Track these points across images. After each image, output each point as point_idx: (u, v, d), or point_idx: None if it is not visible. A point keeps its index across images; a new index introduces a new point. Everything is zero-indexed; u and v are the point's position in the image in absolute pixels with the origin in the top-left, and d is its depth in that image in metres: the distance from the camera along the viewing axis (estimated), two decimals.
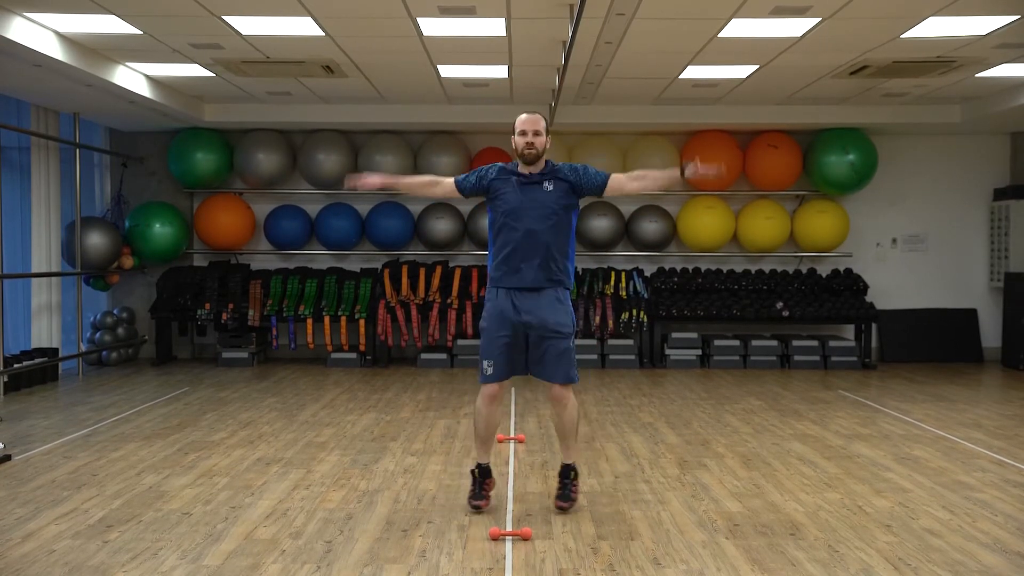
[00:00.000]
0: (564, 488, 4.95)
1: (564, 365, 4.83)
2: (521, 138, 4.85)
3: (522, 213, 4.80)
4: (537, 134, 4.83)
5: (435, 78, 9.23)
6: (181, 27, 7.38)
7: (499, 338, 4.83)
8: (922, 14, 6.94)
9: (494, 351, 4.84)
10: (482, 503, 4.92)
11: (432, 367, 10.94)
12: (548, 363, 4.84)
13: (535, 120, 4.87)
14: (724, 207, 11.56)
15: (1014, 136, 11.98)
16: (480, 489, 4.96)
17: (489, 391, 4.87)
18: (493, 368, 4.84)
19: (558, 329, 4.81)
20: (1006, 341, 11.38)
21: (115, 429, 7.15)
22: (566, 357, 4.83)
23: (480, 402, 4.92)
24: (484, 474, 4.99)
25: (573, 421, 4.95)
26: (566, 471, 4.99)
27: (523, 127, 4.85)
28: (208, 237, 11.61)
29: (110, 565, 4.10)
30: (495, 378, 4.85)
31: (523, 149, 4.84)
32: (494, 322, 4.85)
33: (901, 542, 4.45)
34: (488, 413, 4.91)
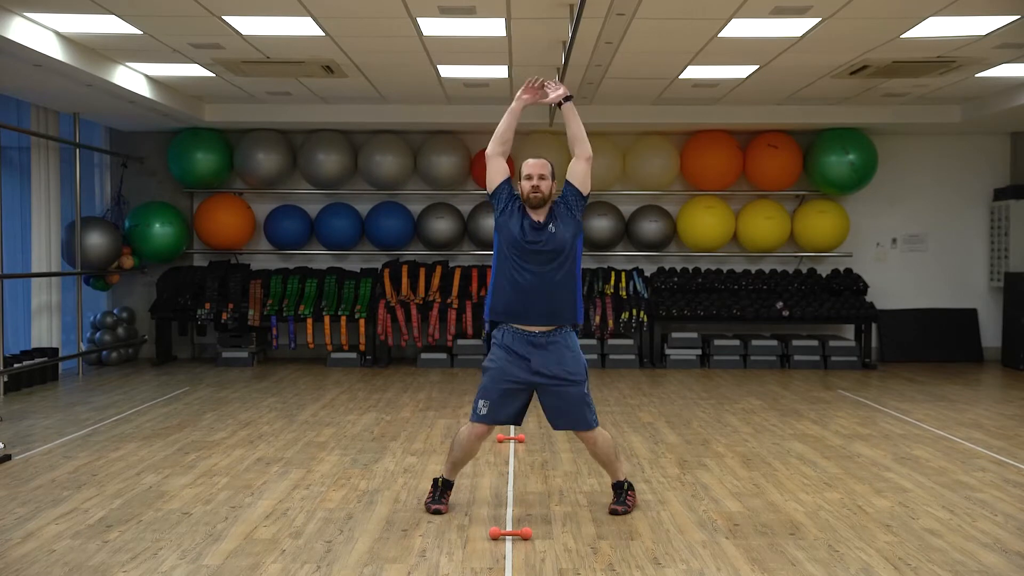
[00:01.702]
0: (619, 497, 4.94)
1: (582, 412, 4.77)
2: (527, 182, 4.74)
3: (531, 260, 4.69)
4: (543, 178, 4.73)
5: (435, 78, 9.23)
6: (181, 27, 7.38)
7: (503, 383, 4.73)
8: (922, 14, 6.94)
9: (494, 394, 4.74)
10: (443, 507, 4.90)
11: (432, 367, 10.94)
12: (565, 413, 4.78)
13: (541, 164, 4.77)
14: (724, 207, 11.57)
15: (1014, 136, 11.98)
16: (440, 496, 4.94)
17: (477, 430, 4.80)
18: (488, 410, 4.75)
19: (570, 378, 4.73)
20: (1006, 341, 11.38)
21: (115, 429, 7.15)
22: (582, 403, 4.76)
23: (465, 434, 4.85)
24: (446, 487, 4.97)
25: (608, 452, 4.90)
26: (619, 485, 4.97)
27: (529, 171, 4.76)
28: (208, 237, 11.61)
29: (110, 565, 4.10)
30: (488, 420, 4.77)
31: (529, 193, 4.74)
32: (502, 368, 4.74)
33: (901, 542, 4.46)
34: (469, 448, 4.87)
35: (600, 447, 4.86)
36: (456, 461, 4.94)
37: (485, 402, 4.76)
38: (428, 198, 11.84)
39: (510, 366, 4.72)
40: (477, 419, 4.78)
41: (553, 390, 4.74)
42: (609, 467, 4.96)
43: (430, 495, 4.97)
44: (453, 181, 11.57)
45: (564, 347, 4.75)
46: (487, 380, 4.78)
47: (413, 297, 11.03)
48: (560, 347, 4.74)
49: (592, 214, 11.42)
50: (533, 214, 4.77)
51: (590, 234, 11.46)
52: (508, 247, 4.75)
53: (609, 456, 4.90)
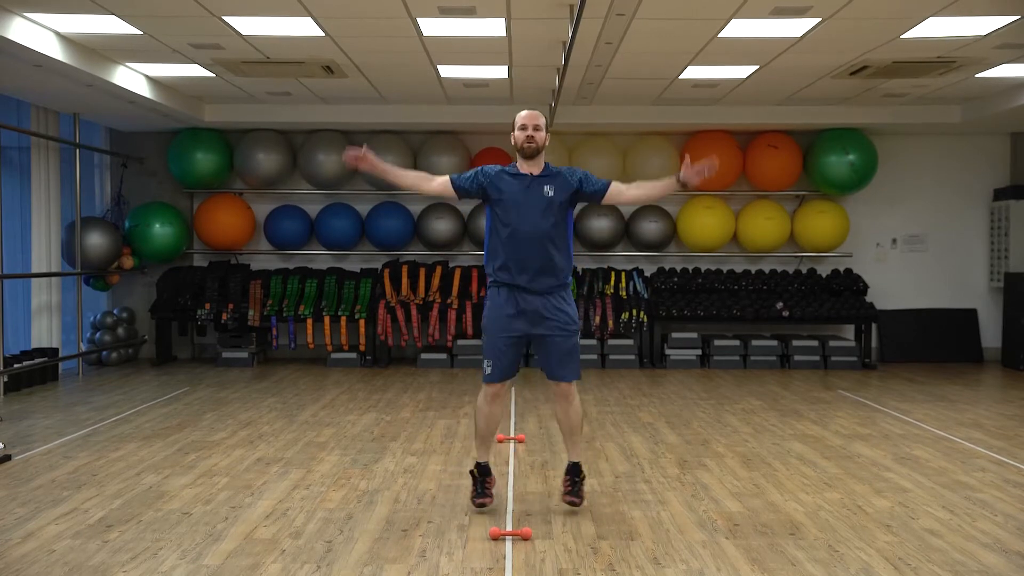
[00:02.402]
0: (574, 485, 4.94)
1: (572, 363, 4.86)
2: (521, 132, 4.85)
3: (523, 214, 4.79)
4: (537, 128, 4.84)
5: (435, 78, 9.23)
6: (181, 27, 7.38)
7: (500, 339, 4.84)
8: (922, 14, 6.94)
9: (495, 351, 4.85)
10: (486, 500, 4.93)
11: (432, 367, 10.94)
12: (556, 361, 4.85)
13: (535, 115, 4.88)
14: (724, 207, 11.57)
15: (1014, 136, 11.98)
16: (482, 488, 4.96)
17: (491, 390, 4.89)
18: (493, 368, 4.85)
19: (564, 327, 4.83)
20: (1006, 341, 11.38)
21: (115, 429, 7.15)
22: (573, 354, 4.86)
23: (481, 400, 4.94)
24: (484, 472, 4.99)
25: (579, 418, 4.97)
26: (575, 469, 4.97)
27: (523, 122, 4.86)
28: (208, 237, 11.61)
29: (110, 565, 4.10)
30: (496, 377, 4.86)
31: (523, 143, 4.84)
32: (496, 322, 4.85)
33: (901, 542, 4.45)
34: (489, 411, 4.93)
35: (574, 408, 4.93)
36: (483, 435, 4.98)
37: (489, 361, 4.86)
38: (428, 198, 11.82)
39: (506, 320, 4.82)
40: (487, 379, 4.88)
41: (549, 340, 4.83)
42: (573, 436, 4.98)
43: (473, 489, 4.98)
44: None
45: (560, 298, 4.85)
46: (487, 339, 4.90)
47: (413, 297, 11.03)
48: (556, 298, 4.84)
49: (592, 214, 11.42)
50: (525, 165, 4.88)
51: (590, 234, 11.46)
52: (499, 205, 4.83)
53: (578, 423, 4.96)
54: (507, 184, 4.86)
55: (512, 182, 4.86)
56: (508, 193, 4.83)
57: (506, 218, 4.83)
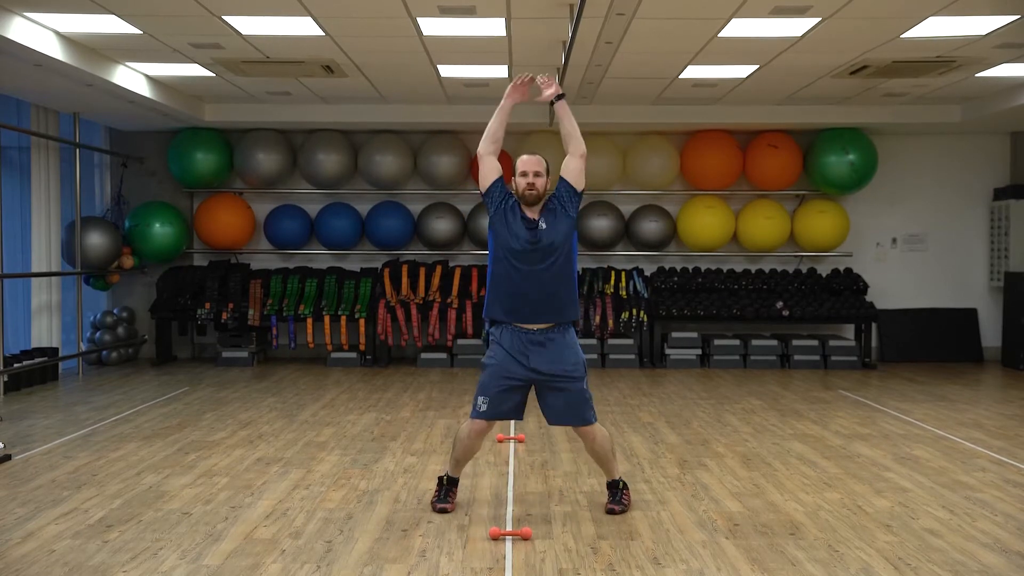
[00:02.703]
0: (614, 496, 4.94)
1: (581, 409, 4.77)
2: (522, 179, 4.74)
3: (524, 256, 4.69)
4: (538, 175, 4.74)
5: (435, 78, 9.23)
6: (181, 27, 7.38)
7: (503, 380, 4.72)
8: (922, 14, 6.94)
9: (493, 391, 4.73)
10: (447, 507, 4.90)
11: (432, 367, 10.94)
12: (565, 409, 4.77)
13: (537, 161, 4.77)
14: (724, 207, 11.57)
15: (1014, 136, 11.98)
16: (445, 494, 4.94)
17: (477, 427, 4.80)
18: (488, 406, 4.74)
19: (571, 374, 4.73)
20: (1006, 341, 11.38)
21: (115, 429, 7.15)
22: (582, 400, 4.76)
23: (465, 431, 4.85)
24: (452, 484, 4.99)
25: (606, 449, 4.89)
26: (614, 484, 4.96)
27: (524, 168, 4.76)
28: (208, 237, 11.61)
29: (110, 565, 4.10)
30: (488, 416, 4.76)
31: (524, 191, 4.74)
32: (500, 365, 4.73)
33: (901, 542, 4.46)
34: (470, 444, 4.86)
35: (598, 444, 4.86)
36: (459, 459, 4.95)
37: (484, 399, 4.75)
38: (428, 198, 11.84)
39: (509, 363, 4.72)
40: (477, 415, 4.78)
41: (553, 387, 4.74)
42: (605, 465, 4.95)
43: (436, 494, 4.98)
44: (453, 181, 11.57)
45: (563, 344, 4.75)
46: (486, 377, 4.78)
47: (413, 297, 11.03)
48: (559, 344, 4.74)
49: (592, 214, 11.42)
50: (527, 211, 4.78)
51: (590, 234, 11.46)
52: (502, 246, 4.75)
53: (607, 454, 4.90)
54: (513, 227, 4.73)
55: (519, 226, 4.72)
56: (511, 238, 4.72)
57: (505, 256, 4.72)
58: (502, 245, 4.75)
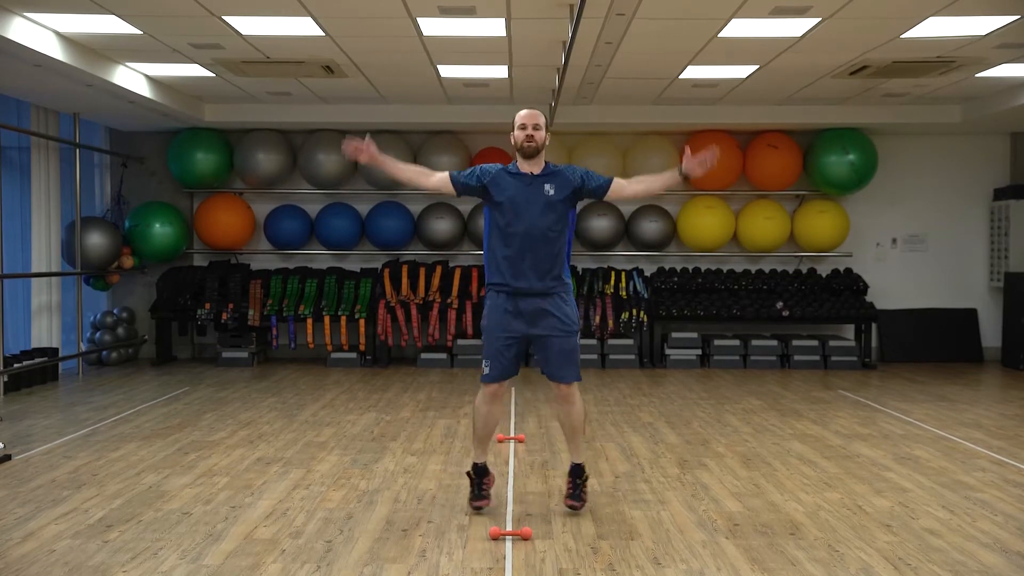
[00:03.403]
0: (575, 488, 4.93)
1: (572, 364, 4.84)
2: (521, 132, 4.82)
3: (523, 214, 4.76)
4: (537, 128, 4.81)
5: (435, 78, 9.23)
6: (181, 27, 7.38)
7: (499, 339, 4.82)
8: (922, 14, 6.94)
9: (494, 350, 4.83)
10: (483, 503, 4.92)
11: (432, 367, 10.94)
12: (555, 362, 4.82)
13: (534, 114, 4.85)
14: (724, 207, 11.57)
15: (1014, 136, 11.98)
16: (479, 489, 4.95)
17: (489, 390, 4.87)
18: (491, 368, 4.83)
19: (564, 327, 4.80)
20: (1006, 341, 11.38)
21: (115, 429, 7.15)
22: (573, 355, 4.84)
23: (480, 400, 4.92)
24: (481, 473, 4.98)
25: (580, 419, 4.94)
26: (577, 471, 4.95)
27: (523, 121, 4.83)
28: (208, 237, 11.61)
29: (110, 565, 4.10)
30: (494, 378, 4.84)
31: (523, 142, 4.81)
32: (495, 322, 4.83)
33: (901, 542, 4.45)
34: (488, 411, 4.91)
35: (575, 410, 4.90)
36: (481, 436, 4.96)
37: (487, 361, 4.84)
38: (428, 198, 11.83)
39: (504, 319, 4.80)
40: (485, 379, 4.86)
41: (548, 340, 4.80)
42: (574, 438, 4.96)
43: (471, 491, 4.97)
44: None
45: (559, 298, 4.82)
46: (486, 338, 4.87)
47: (413, 297, 11.03)
48: (555, 298, 4.81)
49: (592, 214, 11.42)
50: (525, 165, 4.84)
51: (590, 234, 11.46)
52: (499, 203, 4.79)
53: (579, 424, 4.93)
54: (507, 183, 4.83)
55: (512, 181, 4.83)
56: (508, 192, 4.80)
57: (505, 217, 4.80)
58: (500, 206, 4.81)
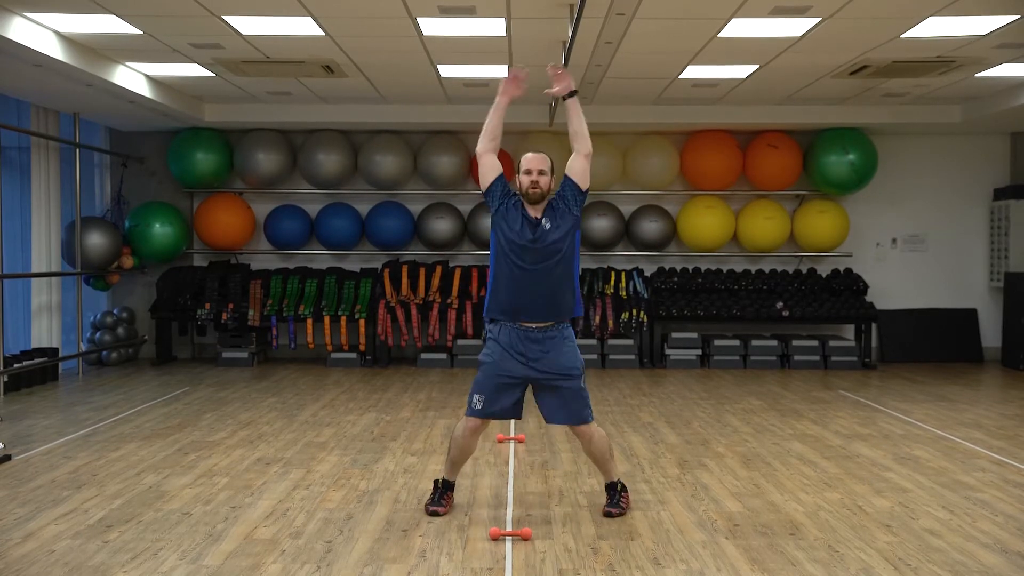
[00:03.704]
0: (612, 498, 4.92)
1: (578, 407, 4.76)
2: (526, 177, 4.73)
3: (527, 254, 4.68)
4: (542, 173, 4.72)
5: (435, 78, 9.23)
6: (181, 27, 7.38)
7: (498, 378, 4.71)
8: (922, 14, 6.94)
9: (489, 389, 4.73)
10: (439, 509, 4.87)
11: (432, 367, 10.94)
12: (562, 408, 4.77)
13: (541, 159, 4.75)
14: (724, 207, 11.57)
15: (1014, 136, 11.98)
16: (440, 497, 4.92)
17: (472, 424, 4.80)
18: (483, 404, 4.74)
19: (569, 373, 4.73)
20: (1006, 341, 11.38)
21: (115, 429, 7.15)
22: (579, 398, 4.76)
23: (460, 430, 4.85)
24: (447, 488, 4.97)
25: (603, 449, 4.87)
26: (611, 487, 4.95)
27: (528, 166, 4.74)
28: (208, 237, 11.61)
29: (110, 565, 4.10)
30: (483, 415, 4.76)
31: (527, 188, 4.72)
32: (497, 362, 4.72)
33: (901, 542, 4.46)
34: (465, 444, 4.86)
35: (595, 444, 4.84)
36: (455, 459, 4.93)
37: (480, 396, 4.75)
38: (428, 198, 11.84)
39: (506, 361, 4.72)
40: (472, 413, 4.78)
41: (550, 385, 4.74)
42: (603, 466, 4.94)
43: (431, 496, 4.97)
44: (453, 181, 11.57)
45: (561, 342, 4.75)
46: (481, 374, 4.78)
47: (413, 297, 11.03)
48: (557, 342, 4.74)
49: (592, 214, 11.42)
50: (530, 210, 4.76)
51: (590, 234, 11.45)
52: (505, 244, 4.73)
53: (604, 454, 4.89)
54: (516, 224, 4.70)
55: (520, 224, 4.70)
56: (514, 235, 4.69)
57: (508, 253, 4.71)
58: (504, 243, 4.74)
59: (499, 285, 4.77)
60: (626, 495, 4.97)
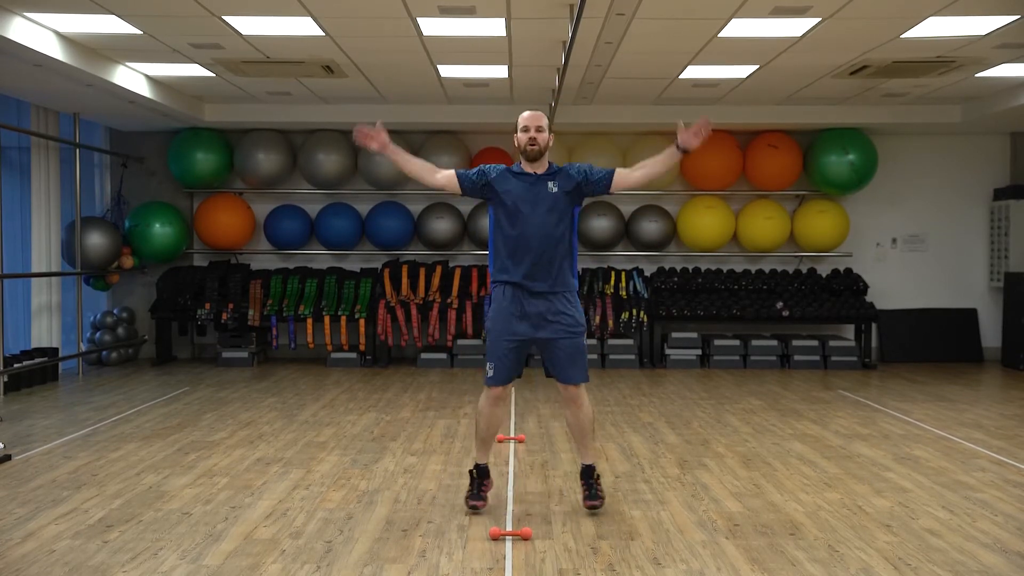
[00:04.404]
0: (590, 488, 4.91)
1: (580, 365, 4.83)
2: (524, 134, 4.81)
3: (528, 213, 4.76)
4: (540, 130, 4.80)
5: (435, 78, 9.23)
6: (181, 27, 7.38)
7: (505, 341, 4.79)
8: (922, 14, 6.94)
9: (498, 353, 4.81)
10: (479, 503, 4.91)
11: (432, 367, 10.94)
12: (562, 364, 4.82)
13: (537, 116, 4.84)
14: (724, 207, 11.57)
15: (1014, 136, 11.98)
16: (478, 489, 4.94)
17: (493, 392, 4.85)
18: (495, 371, 4.81)
19: (571, 328, 4.79)
20: (1006, 341, 11.38)
21: (115, 429, 7.15)
22: (580, 357, 4.83)
23: (483, 402, 4.91)
24: (482, 474, 4.97)
25: (590, 420, 4.92)
26: (588, 471, 4.94)
27: (525, 123, 4.82)
28: (208, 237, 11.61)
29: (110, 565, 4.10)
30: (498, 381, 4.82)
31: (526, 145, 4.80)
32: (501, 325, 4.80)
33: (901, 542, 4.45)
34: (490, 413, 4.90)
35: (584, 412, 4.89)
36: (483, 437, 4.95)
37: (491, 364, 4.82)
38: (428, 198, 11.84)
39: (510, 321, 4.78)
40: (489, 382, 4.84)
41: (554, 342, 4.79)
42: (583, 440, 4.94)
43: (469, 490, 4.96)
44: None
45: (564, 300, 4.81)
46: (490, 341, 4.85)
47: (413, 297, 11.03)
48: (561, 300, 4.80)
49: (592, 214, 11.42)
50: (529, 166, 4.83)
51: (590, 234, 11.46)
52: (503, 200, 4.78)
53: (589, 426, 4.92)
54: (511, 183, 4.82)
55: (515, 181, 4.82)
56: (511, 192, 4.79)
57: (509, 217, 4.79)
58: (504, 205, 4.79)
59: (498, 247, 4.84)
60: (599, 481, 4.97)
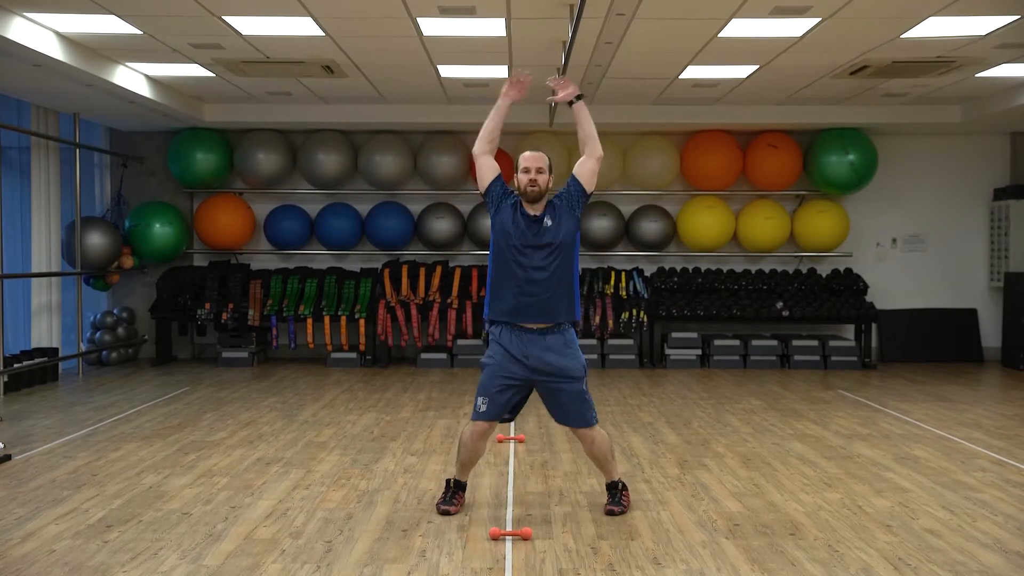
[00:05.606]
0: (615, 497, 4.92)
1: (581, 409, 4.77)
2: (524, 175, 4.73)
3: (526, 252, 4.68)
4: (540, 171, 4.72)
5: (435, 78, 9.23)
6: (181, 27, 7.38)
7: (501, 379, 4.72)
8: (922, 14, 6.94)
9: (492, 390, 4.73)
10: (451, 509, 4.87)
11: (432, 367, 10.94)
12: (564, 410, 4.79)
13: (539, 157, 4.75)
14: (724, 207, 11.57)
15: (1014, 136, 11.98)
16: (451, 497, 4.92)
17: (479, 428, 4.79)
18: (487, 407, 4.74)
19: (570, 374, 4.73)
20: (1006, 341, 11.38)
21: (115, 429, 7.15)
22: (581, 400, 4.76)
23: (467, 434, 4.84)
24: (459, 487, 4.96)
25: (605, 451, 4.88)
26: (613, 485, 4.95)
27: (526, 164, 4.74)
28: (208, 237, 11.61)
29: (110, 565, 4.10)
30: (488, 417, 4.76)
31: (526, 187, 4.72)
32: (499, 364, 4.73)
33: (901, 542, 4.46)
34: (474, 447, 4.85)
35: (597, 446, 4.85)
36: (464, 462, 4.93)
37: (484, 399, 4.75)
38: (428, 198, 11.84)
39: (508, 363, 4.72)
40: (477, 417, 4.78)
41: (551, 387, 4.74)
42: (604, 466, 4.95)
43: (442, 495, 4.96)
44: (453, 181, 11.57)
45: (563, 344, 4.74)
46: (485, 377, 4.78)
47: (413, 297, 11.03)
48: (559, 344, 4.73)
49: (592, 214, 11.42)
50: (530, 208, 4.76)
51: (590, 234, 11.45)
52: (505, 243, 4.73)
53: (606, 456, 4.89)
54: (517, 223, 4.71)
55: (521, 223, 4.71)
56: (512, 227, 4.71)
57: (507, 252, 4.71)
58: (504, 242, 4.74)
59: (498, 286, 4.76)
60: (627, 493, 4.98)
